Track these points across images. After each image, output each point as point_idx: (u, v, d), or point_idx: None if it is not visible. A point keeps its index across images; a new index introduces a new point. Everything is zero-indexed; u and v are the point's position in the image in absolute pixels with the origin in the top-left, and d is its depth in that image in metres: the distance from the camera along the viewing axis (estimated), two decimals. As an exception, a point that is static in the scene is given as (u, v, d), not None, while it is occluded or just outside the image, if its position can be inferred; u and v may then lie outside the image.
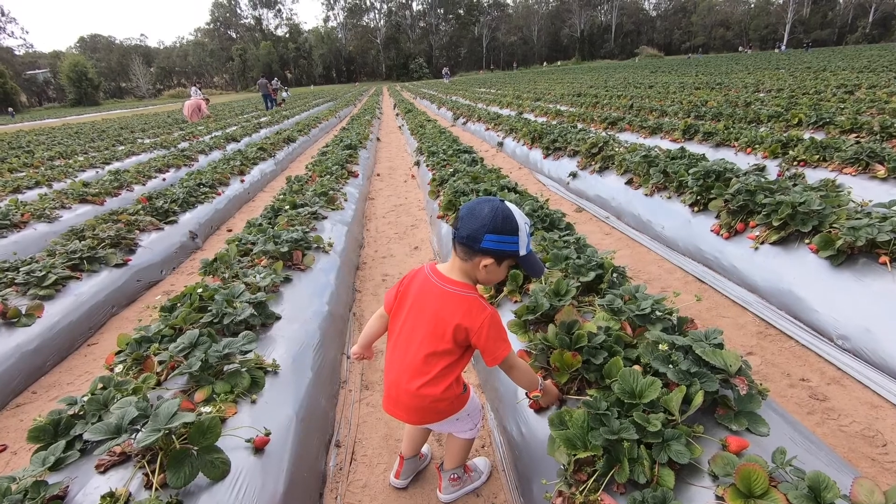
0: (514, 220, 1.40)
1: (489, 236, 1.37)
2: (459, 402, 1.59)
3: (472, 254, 1.43)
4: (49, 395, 2.74)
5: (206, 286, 2.59)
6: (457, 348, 1.48)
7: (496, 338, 1.46)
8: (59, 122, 27.32)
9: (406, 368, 1.50)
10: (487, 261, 1.40)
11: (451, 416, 1.60)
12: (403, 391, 1.51)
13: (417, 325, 1.50)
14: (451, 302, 1.46)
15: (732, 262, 3.19)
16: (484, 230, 1.37)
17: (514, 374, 1.59)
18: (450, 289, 1.47)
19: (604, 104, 12.97)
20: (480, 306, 1.45)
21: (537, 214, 3.36)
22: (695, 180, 3.82)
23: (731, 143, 6.14)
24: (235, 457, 1.59)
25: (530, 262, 1.48)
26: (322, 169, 6.23)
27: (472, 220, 1.41)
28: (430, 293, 1.50)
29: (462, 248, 1.45)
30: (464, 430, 1.72)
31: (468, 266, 1.46)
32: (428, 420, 1.59)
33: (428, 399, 1.49)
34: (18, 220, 5.11)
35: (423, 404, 1.51)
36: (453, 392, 1.53)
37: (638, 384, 1.51)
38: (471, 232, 1.40)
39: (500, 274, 1.48)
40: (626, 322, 1.95)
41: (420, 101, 25.71)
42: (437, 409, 1.54)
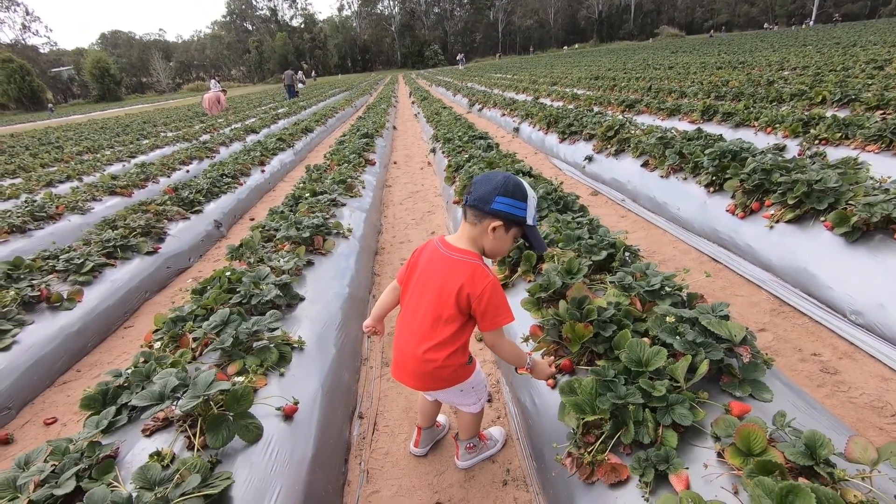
0: (524, 189, 1.48)
1: (500, 198, 1.44)
2: (464, 372, 1.66)
3: (482, 216, 1.48)
4: (92, 374, 2.93)
5: (234, 269, 2.73)
6: (460, 315, 1.53)
7: (497, 304, 1.49)
8: (85, 118, 28.05)
9: (414, 334, 1.58)
10: (496, 223, 1.46)
11: (454, 386, 1.67)
12: (410, 357, 1.59)
13: (425, 293, 1.57)
14: (456, 268, 1.51)
15: (747, 241, 3.20)
16: (496, 192, 1.44)
17: (501, 348, 1.61)
18: (455, 256, 1.53)
19: (622, 87, 12.79)
20: (484, 273, 1.49)
21: (551, 197, 3.41)
22: (710, 161, 3.81)
23: (751, 122, 6.04)
24: (267, 423, 1.72)
25: (535, 235, 1.54)
26: (340, 158, 6.34)
27: (485, 184, 1.48)
28: (437, 262, 1.57)
29: (472, 212, 1.51)
30: (467, 403, 1.80)
31: (476, 232, 1.52)
32: (431, 386, 1.66)
33: (432, 364, 1.56)
34: (54, 212, 5.36)
35: (427, 369, 1.58)
36: (457, 360, 1.59)
37: (644, 353, 1.58)
38: (483, 194, 1.47)
39: (507, 242, 1.53)
40: (635, 297, 2.02)
41: (436, 88, 25.63)
42: (441, 377, 1.61)
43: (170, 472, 1.40)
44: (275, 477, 1.59)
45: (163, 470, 1.40)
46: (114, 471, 1.46)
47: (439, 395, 1.78)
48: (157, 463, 1.43)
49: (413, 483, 1.91)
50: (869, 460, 1.18)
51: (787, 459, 1.22)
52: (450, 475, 1.92)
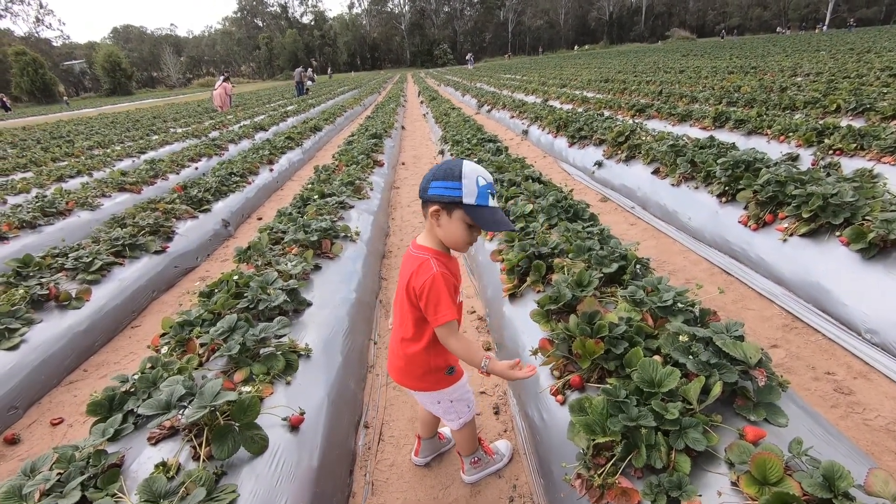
0: (460, 168, 1.41)
1: (434, 183, 1.42)
2: (440, 379, 1.67)
3: (425, 205, 1.48)
4: (99, 373, 2.93)
5: (242, 273, 2.72)
6: (414, 309, 1.53)
7: (434, 301, 1.45)
8: (96, 112, 28.25)
9: (395, 328, 1.66)
10: (433, 207, 1.44)
11: (431, 393, 1.69)
12: (392, 350, 1.69)
13: (400, 289, 1.59)
14: (410, 264, 1.52)
15: (760, 253, 3.16)
16: (431, 178, 1.44)
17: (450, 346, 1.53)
18: (413, 252, 1.54)
19: (632, 90, 12.70)
20: (427, 267, 1.46)
21: (561, 205, 3.38)
22: (723, 170, 3.76)
23: (764, 130, 5.98)
24: (273, 433, 1.71)
25: (482, 215, 1.42)
26: (348, 158, 6.33)
27: (425, 176, 1.48)
28: (405, 260, 1.60)
29: (421, 205, 1.52)
30: (448, 418, 1.79)
31: (428, 224, 1.51)
32: (407, 382, 1.69)
33: (404, 358, 1.62)
34: (63, 208, 5.39)
35: (401, 363, 1.65)
36: (428, 359, 1.60)
37: (657, 373, 1.55)
38: (422, 185, 1.47)
39: (455, 227, 1.45)
40: (647, 313, 1.99)
41: (444, 87, 25.60)
42: (414, 374, 1.65)
43: (175, 485, 1.39)
44: (280, 489, 1.57)
45: (168, 482, 1.40)
46: (119, 481, 1.46)
47: (419, 398, 1.78)
48: (162, 475, 1.42)
49: (419, 496, 1.89)
50: (890, 494, 1.14)
51: (805, 491, 1.19)
52: (455, 489, 1.90)
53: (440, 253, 1.53)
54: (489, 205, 1.44)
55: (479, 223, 1.45)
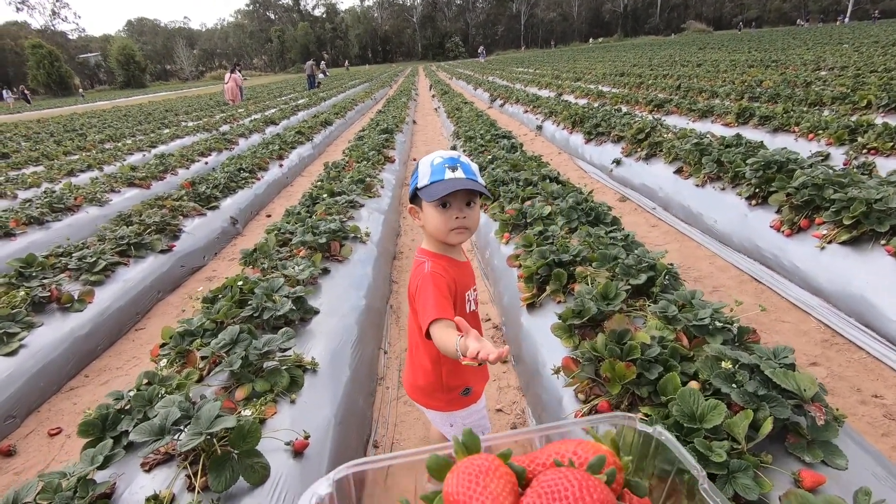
0: (418, 164, 1.38)
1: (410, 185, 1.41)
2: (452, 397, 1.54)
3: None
4: (100, 379, 2.84)
5: (247, 278, 2.60)
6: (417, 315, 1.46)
7: (422, 302, 1.31)
8: (110, 105, 28.41)
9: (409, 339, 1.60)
10: (409, 208, 1.43)
11: (444, 413, 1.57)
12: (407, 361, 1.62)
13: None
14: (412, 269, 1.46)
15: (794, 261, 2.97)
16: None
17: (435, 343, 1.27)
18: (416, 258, 1.47)
19: (648, 84, 12.40)
20: (420, 269, 1.40)
21: (581, 208, 3.22)
22: (753, 171, 3.56)
23: (791, 128, 5.73)
24: (275, 459, 1.58)
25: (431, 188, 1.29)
26: (359, 154, 6.20)
27: None
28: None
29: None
30: None
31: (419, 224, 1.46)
32: (422, 400, 1.59)
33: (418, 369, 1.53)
34: (72, 204, 5.33)
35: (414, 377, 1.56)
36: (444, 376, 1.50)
37: (699, 406, 1.39)
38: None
39: (429, 218, 1.35)
40: (681, 332, 1.83)
41: (456, 81, 25.34)
42: (428, 390, 1.54)
43: (167, 523, 1.27)
44: (281, 524, 1.45)
45: (159, 520, 1.27)
46: (107, 515, 1.34)
47: (431, 417, 1.67)
48: (153, 511, 1.30)
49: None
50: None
51: (879, 555, 1.03)
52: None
53: (438, 255, 1.43)
54: (445, 178, 1.29)
55: (428, 195, 1.29)
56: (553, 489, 0.50)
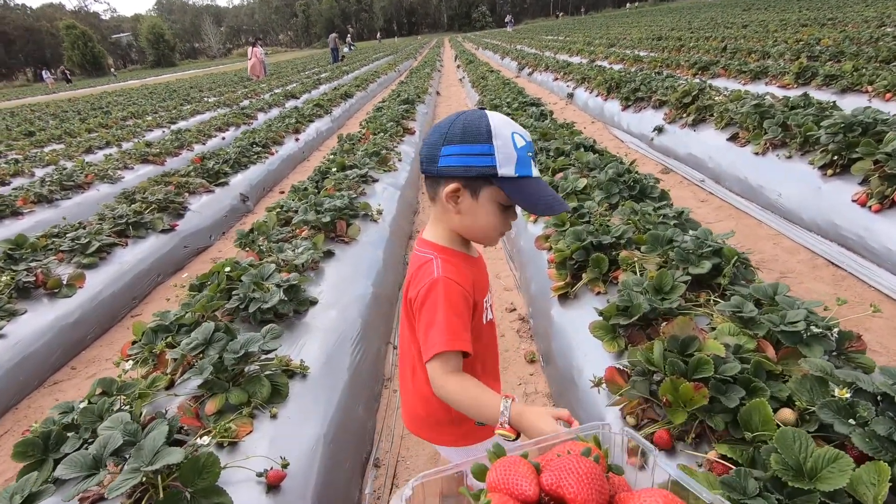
0: (483, 123, 0.92)
1: (447, 148, 0.93)
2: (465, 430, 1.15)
3: (436, 184, 0.98)
4: (88, 372, 2.61)
5: (237, 263, 2.29)
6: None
7: (427, 320, 0.95)
8: (139, 84, 28.68)
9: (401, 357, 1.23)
10: (452, 186, 0.95)
11: (455, 449, 1.20)
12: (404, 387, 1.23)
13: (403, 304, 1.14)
14: (411, 265, 1.06)
15: (886, 242, 2.46)
16: (441, 142, 0.94)
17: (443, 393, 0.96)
18: (417, 251, 1.06)
19: (690, 47, 11.48)
20: (427, 270, 0.98)
21: (623, 180, 2.76)
22: (830, 135, 3.01)
23: (863, 87, 5.03)
24: (242, 496, 1.27)
25: (526, 190, 0.95)
26: (376, 126, 5.80)
27: (431, 135, 0.98)
28: (409, 264, 1.11)
29: (427, 181, 1.02)
30: None
31: (438, 209, 1.02)
32: (427, 435, 1.22)
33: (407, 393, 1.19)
34: (82, 181, 5.16)
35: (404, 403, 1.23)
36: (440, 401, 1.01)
37: (810, 457, 0.99)
38: (428, 151, 0.96)
39: (484, 214, 0.97)
40: (765, 340, 1.40)
41: (482, 51, 24.40)
42: (431, 422, 1.17)
43: None
44: (245, 584, 1.14)
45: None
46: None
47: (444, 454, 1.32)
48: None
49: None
50: None
51: None
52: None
53: (452, 251, 1.03)
54: (533, 174, 0.94)
55: (521, 203, 0.95)
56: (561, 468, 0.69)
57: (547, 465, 0.76)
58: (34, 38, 66.18)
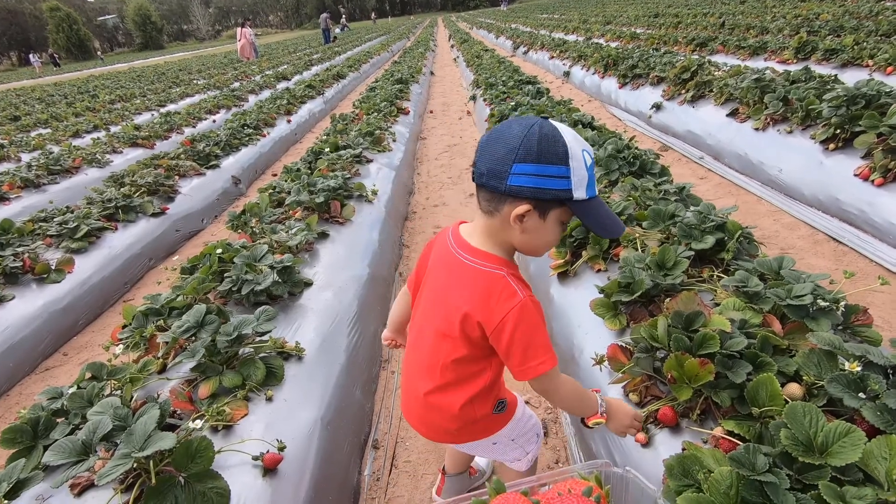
0: (560, 141, 0.86)
1: (519, 167, 0.86)
2: (493, 422, 1.13)
3: (499, 200, 0.91)
4: (80, 358, 2.57)
5: (229, 245, 2.23)
6: (471, 347, 1.00)
7: (527, 343, 0.94)
8: (127, 67, 28.08)
9: (419, 367, 1.10)
10: (521, 208, 0.89)
11: (481, 441, 1.16)
12: (414, 395, 1.10)
13: (432, 310, 1.06)
14: (465, 278, 0.97)
15: (889, 217, 2.43)
16: (511, 158, 0.86)
17: (555, 398, 1.05)
18: (467, 259, 0.98)
19: (687, 24, 11.30)
20: (507, 290, 0.94)
21: (622, 156, 2.71)
22: (833, 109, 2.95)
23: (864, 61, 4.96)
24: (238, 479, 1.24)
25: (595, 211, 0.93)
26: (370, 106, 5.69)
27: (494, 146, 0.89)
28: (446, 265, 1.02)
29: (484, 194, 0.94)
30: (509, 458, 1.26)
31: (495, 223, 0.94)
32: (445, 439, 1.17)
33: (439, 413, 1.06)
34: (70, 166, 5.04)
35: (431, 418, 1.09)
36: (475, 412, 1.05)
37: (820, 432, 0.96)
38: (492, 165, 0.88)
39: (548, 234, 0.95)
40: (771, 315, 1.37)
41: (477, 31, 23.97)
42: (449, 429, 1.09)
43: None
44: (243, 568, 1.11)
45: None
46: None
47: (465, 448, 1.25)
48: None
49: (440, 553, 1.41)
50: None
51: None
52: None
53: (512, 264, 0.99)
54: (596, 194, 0.92)
55: (593, 226, 0.93)
56: None
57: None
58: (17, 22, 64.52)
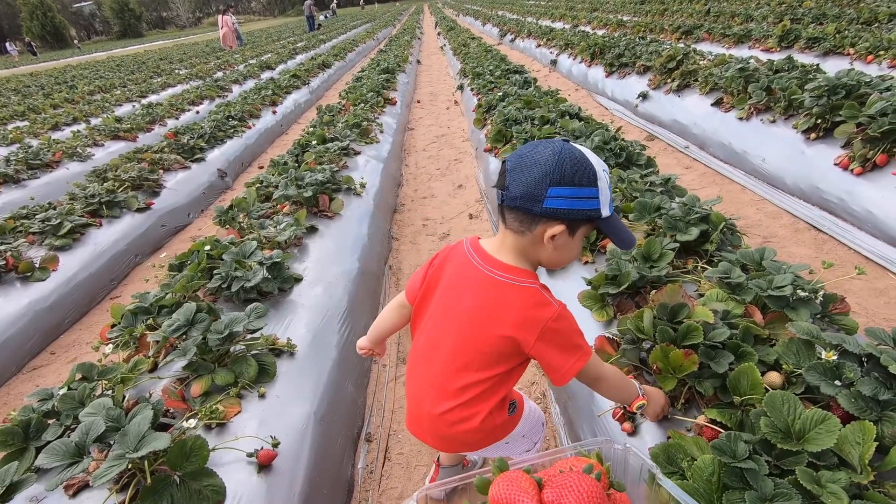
0: (589, 165, 0.93)
1: (555, 190, 0.91)
2: (504, 429, 1.14)
3: (532, 221, 0.95)
4: (68, 356, 2.55)
5: (217, 241, 2.22)
6: (503, 362, 1.02)
7: (568, 344, 0.99)
8: (105, 56, 27.35)
9: (431, 384, 1.08)
10: (556, 228, 0.94)
11: (493, 446, 1.17)
12: (426, 413, 1.09)
13: (449, 326, 1.05)
14: (503, 296, 0.99)
15: (867, 205, 2.49)
16: (547, 181, 0.91)
17: (600, 387, 1.11)
18: (499, 276, 1.00)
19: (673, 11, 11.33)
20: (543, 302, 0.98)
21: (609, 147, 2.73)
22: (814, 99, 3.00)
23: (845, 50, 5.03)
24: (233, 476, 1.25)
25: (616, 226, 1.00)
26: (356, 97, 5.64)
27: (526, 170, 0.92)
28: (470, 280, 1.03)
29: (516, 216, 0.97)
30: (518, 452, 1.29)
31: (525, 242, 0.98)
32: (461, 450, 1.21)
33: (459, 428, 1.06)
34: (50, 160, 4.93)
35: (449, 433, 1.08)
36: (495, 420, 1.07)
37: (798, 419, 1.00)
38: (527, 188, 0.92)
39: (573, 250, 1.02)
40: (752, 306, 1.41)
41: (463, 17, 23.75)
42: (470, 441, 1.11)
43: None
44: (240, 563, 1.13)
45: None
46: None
47: (480, 453, 1.28)
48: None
49: (434, 542, 1.45)
50: None
51: None
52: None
53: (537, 276, 1.03)
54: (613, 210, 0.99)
55: (616, 240, 1.00)
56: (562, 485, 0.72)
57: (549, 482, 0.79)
58: (-11, 9, 62.38)
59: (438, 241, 3.22)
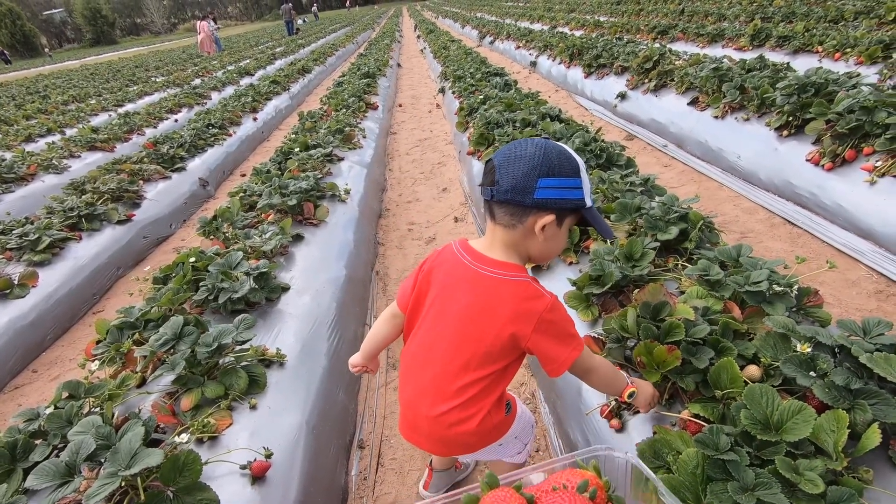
0: (572, 157, 0.99)
1: (544, 181, 0.96)
2: (500, 429, 1.16)
3: (523, 212, 0.99)
4: (51, 374, 2.51)
5: (202, 253, 2.21)
6: (500, 358, 1.04)
7: (564, 334, 1.03)
8: (78, 64, 26.81)
9: (426, 388, 1.09)
10: (546, 218, 0.98)
11: (488, 448, 1.18)
12: (423, 416, 1.10)
13: (445, 327, 1.07)
14: (496, 291, 1.02)
15: (837, 199, 2.58)
16: (536, 173, 0.95)
17: (592, 378, 1.13)
18: (491, 272, 1.02)
19: (648, 11, 11.54)
20: (537, 293, 1.01)
21: (590, 149, 2.78)
22: (785, 97, 3.09)
23: (814, 48, 5.18)
24: (227, 489, 1.25)
25: (597, 216, 1.05)
26: (338, 102, 5.63)
27: (514, 165, 0.97)
28: (462, 280, 1.05)
29: (506, 209, 1.00)
30: (510, 454, 1.32)
31: (516, 235, 1.01)
32: (458, 453, 1.23)
33: (457, 429, 1.08)
34: (25, 173, 4.83)
35: (447, 435, 1.09)
36: (492, 421, 1.09)
37: (776, 410, 1.04)
38: (517, 181, 0.96)
39: (561, 240, 1.06)
40: (731, 302, 1.46)
41: (442, 20, 23.83)
42: (468, 443, 1.12)
43: None
44: (236, 576, 1.14)
45: None
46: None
47: (475, 455, 1.30)
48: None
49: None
50: None
51: None
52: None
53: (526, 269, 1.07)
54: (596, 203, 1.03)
55: (599, 228, 1.05)
56: None
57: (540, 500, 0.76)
58: (-46, 17, 60.55)
59: (424, 246, 3.24)
